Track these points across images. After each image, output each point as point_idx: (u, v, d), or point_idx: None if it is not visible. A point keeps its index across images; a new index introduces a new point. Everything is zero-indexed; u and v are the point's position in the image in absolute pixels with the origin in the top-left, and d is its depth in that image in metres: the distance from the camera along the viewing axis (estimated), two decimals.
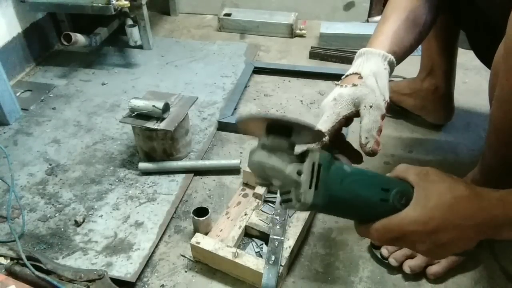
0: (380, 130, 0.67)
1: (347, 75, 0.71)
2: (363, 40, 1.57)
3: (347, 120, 0.69)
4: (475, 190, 0.57)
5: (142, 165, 1.08)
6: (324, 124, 0.66)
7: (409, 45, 0.77)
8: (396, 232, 0.56)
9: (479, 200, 0.56)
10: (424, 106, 1.18)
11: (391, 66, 0.72)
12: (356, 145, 0.78)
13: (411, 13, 0.77)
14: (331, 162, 0.55)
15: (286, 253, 0.84)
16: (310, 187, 0.54)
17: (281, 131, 0.55)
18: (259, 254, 0.88)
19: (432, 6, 0.80)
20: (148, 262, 0.89)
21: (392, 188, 0.57)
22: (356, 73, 0.69)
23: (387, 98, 0.68)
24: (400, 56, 0.74)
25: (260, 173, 0.57)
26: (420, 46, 1.18)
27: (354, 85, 0.67)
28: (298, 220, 0.90)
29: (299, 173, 0.54)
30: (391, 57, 0.71)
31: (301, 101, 1.34)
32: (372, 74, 0.68)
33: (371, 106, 0.65)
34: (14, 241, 0.89)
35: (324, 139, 0.66)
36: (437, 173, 0.58)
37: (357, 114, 0.68)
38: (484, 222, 0.55)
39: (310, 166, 0.54)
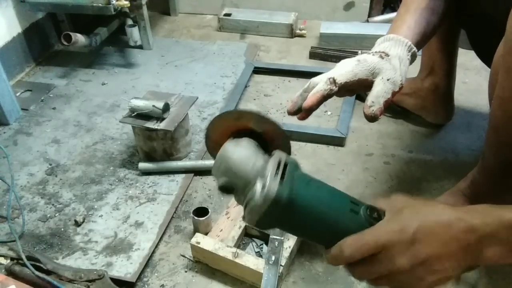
0: (387, 103, 0.69)
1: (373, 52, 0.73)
2: (363, 40, 1.59)
3: (352, 89, 0.72)
4: (459, 213, 0.51)
5: (142, 165, 1.08)
6: (340, 77, 0.69)
7: (428, 34, 0.81)
8: (371, 243, 0.50)
9: (456, 224, 0.50)
10: (424, 106, 1.18)
11: (413, 57, 0.75)
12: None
13: (430, 1, 0.79)
14: (297, 166, 0.53)
15: (286, 253, 0.84)
16: (274, 178, 0.50)
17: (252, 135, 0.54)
18: (259, 254, 0.88)
19: None
20: (148, 262, 0.89)
21: (362, 203, 0.54)
22: (382, 52, 0.72)
23: (403, 83, 0.71)
24: (420, 45, 0.77)
25: (224, 170, 0.53)
26: None
27: (381, 57, 0.70)
28: None
29: (264, 165, 0.51)
30: (414, 49, 0.75)
31: None
32: (397, 57, 0.71)
33: (388, 79, 0.69)
34: (14, 241, 0.89)
35: (334, 88, 0.68)
36: (410, 200, 0.54)
37: (368, 85, 0.70)
38: (470, 240, 0.49)
39: (276, 161, 0.51)
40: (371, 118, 0.68)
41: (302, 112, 0.70)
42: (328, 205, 0.52)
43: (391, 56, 0.71)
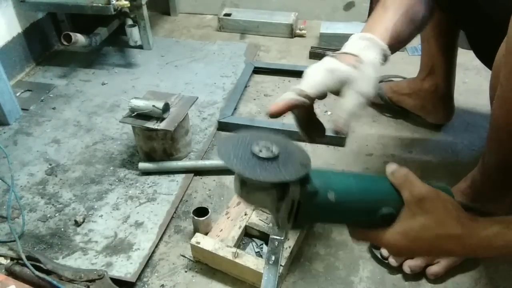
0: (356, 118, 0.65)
1: (345, 52, 0.68)
2: None
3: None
4: (465, 228, 0.57)
5: (142, 165, 1.08)
6: (311, 89, 0.63)
7: (404, 40, 0.76)
8: (371, 240, 0.64)
9: (466, 239, 0.57)
10: (424, 106, 1.18)
11: (385, 60, 0.71)
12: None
13: (410, 8, 0.76)
14: (313, 196, 0.56)
15: (286, 253, 0.84)
16: (288, 222, 0.56)
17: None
18: (259, 254, 0.88)
19: (429, 4, 0.80)
20: (148, 262, 0.89)
21: (378, 209, 0.59)
22: (355, 55, 0.66)
23: (373, 94, 0.66)
24: (394, 49, 0.72)
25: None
26: (420, 46, 1.18)
27: (354, 66, 0.64)
28: None
29: (278, 209, 0.56)
30: (388, 53, 0.70)
31: None
32: (371, 65, 0.66)
33: (360, 92, 0.64)
34: (14, 241, 0.89)
35: (306, 101, 0.63)
36: (432, 202, 0.58)
37: (337, 92, 0.66)
38: (462, 255, 0.56)
39: (289, 205, 0.55)
40: (342, 134, 0.64)
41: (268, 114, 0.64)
42: (343, 221, 0.63)
43: (364, 63, 0.66)
